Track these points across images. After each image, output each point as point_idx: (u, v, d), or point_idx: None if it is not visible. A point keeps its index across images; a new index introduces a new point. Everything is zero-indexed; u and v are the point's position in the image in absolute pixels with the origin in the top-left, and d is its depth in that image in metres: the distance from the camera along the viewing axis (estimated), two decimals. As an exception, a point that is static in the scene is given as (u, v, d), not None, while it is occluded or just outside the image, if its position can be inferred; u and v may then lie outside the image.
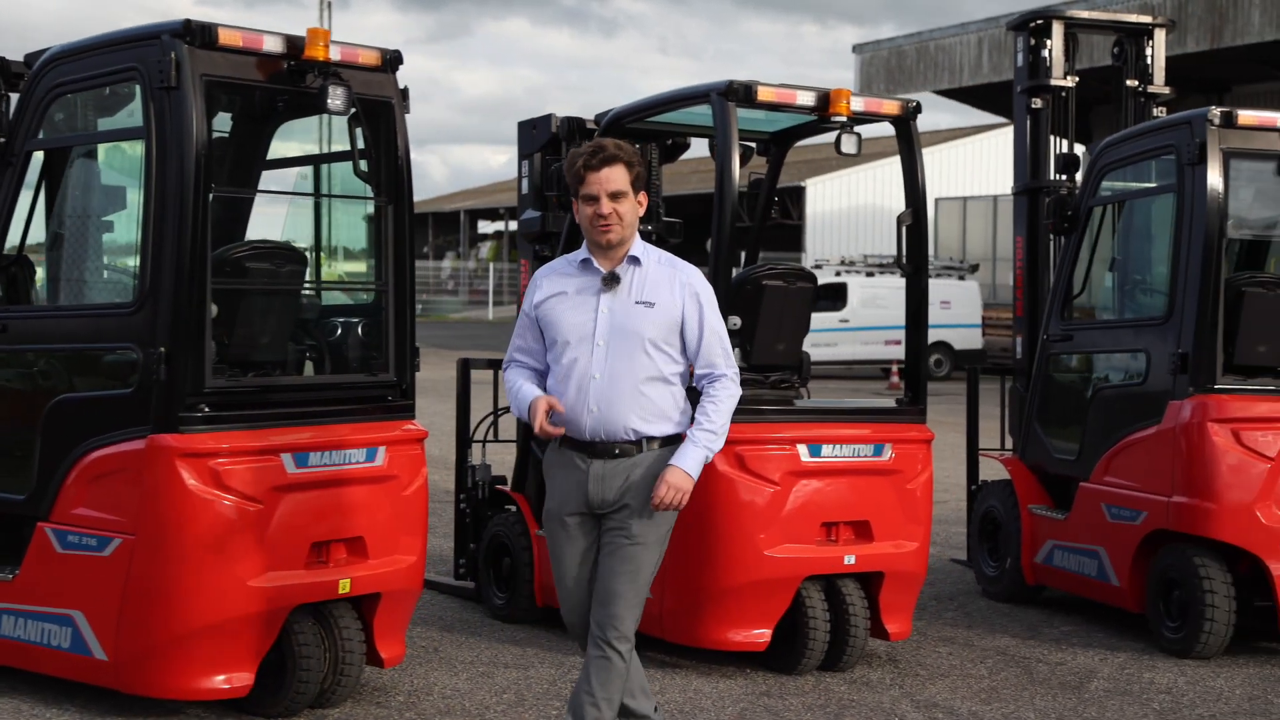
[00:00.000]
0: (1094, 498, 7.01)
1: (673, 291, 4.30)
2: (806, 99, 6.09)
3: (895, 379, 23.61)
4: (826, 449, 5.98)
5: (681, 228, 7.17)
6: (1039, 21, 8.02)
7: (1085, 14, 8.08)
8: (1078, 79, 8.05)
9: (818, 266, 32.10)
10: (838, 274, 28.67)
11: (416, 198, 7.04)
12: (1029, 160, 8.07)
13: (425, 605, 7.12)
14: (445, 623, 6.78)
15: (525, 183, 7.19)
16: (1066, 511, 7.25)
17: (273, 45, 5.07)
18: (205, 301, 4.92)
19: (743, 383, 6.18)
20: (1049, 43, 7.98)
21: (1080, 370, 7.56)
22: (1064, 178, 7.80)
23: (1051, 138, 8.02)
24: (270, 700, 5.11)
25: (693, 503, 5.92)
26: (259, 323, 5.21)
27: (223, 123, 5.85)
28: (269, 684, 5.10)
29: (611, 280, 4.26)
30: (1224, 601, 6.35)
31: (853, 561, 6.01)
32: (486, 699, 5.54)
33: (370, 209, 5.59)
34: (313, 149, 6.01)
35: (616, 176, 4.24)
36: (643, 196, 4.32)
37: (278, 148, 6.08)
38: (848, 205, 42.03)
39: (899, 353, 26.74)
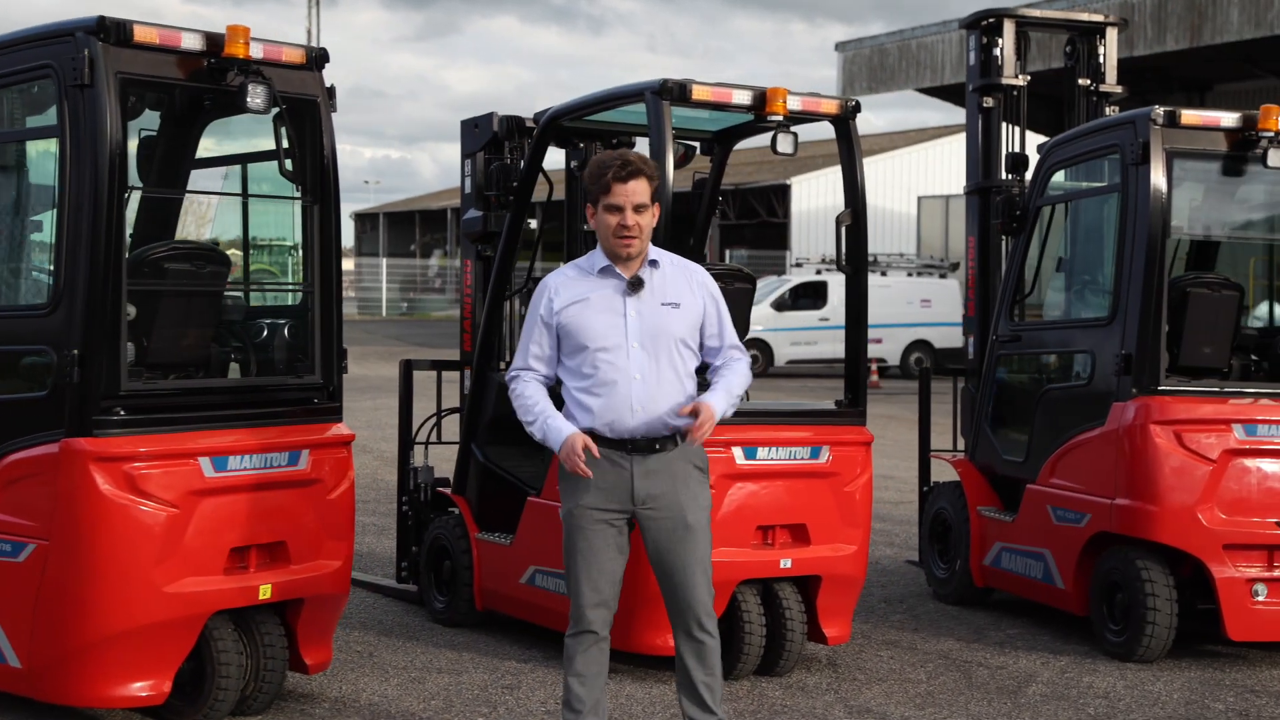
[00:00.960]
0: (1040, 500, 6.96)
1: (692, 291, 4.49)
2: (743, 98, 6.03)
3: (874, 378, 23.56)
4: (762, 452, 5.92)
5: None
6: (990, 20, 7.97)
7: (1037, 13, 8.03)
8: (1030, 78, 8.01)
9: (798, 265, 32.10)
10: (818, 272, 28.63)
11: (407, 195, 7.01)
12: (981, 160, 8.03)
13: (367, 608, 7.07)
14: (384, 626, 6.71)
15: (468, 182, 7.12)
16: (1014, 514, 7.20)
17: (191, 43, 5.00)
18: (121, 303, 4.84)
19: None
20: (1001, 41, 7.93)
21: (1028, 371, 7.51)
22: (1013, 177, 7.75)
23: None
24: (189, 708, 5.05)
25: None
26: (178, 324, 5.14)
27: (152, 121, 5.79)
28: (188, 691, 5.03)
29: (637, 284, 4.40)
30: (1166, 605, 6.30)
31: (789, 565, 5.96)
32: (414, 705, 5.47)
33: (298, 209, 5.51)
34: (247, 148, 5.94)
35: (641, 189, 4.37)
36: (656, 207, 4.46)
37: (214, 147, 6.02)
38: (833, 203, 41.87)
39: (879, 351, 26.80)
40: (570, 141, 7.26)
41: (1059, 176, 7.39)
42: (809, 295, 27.43)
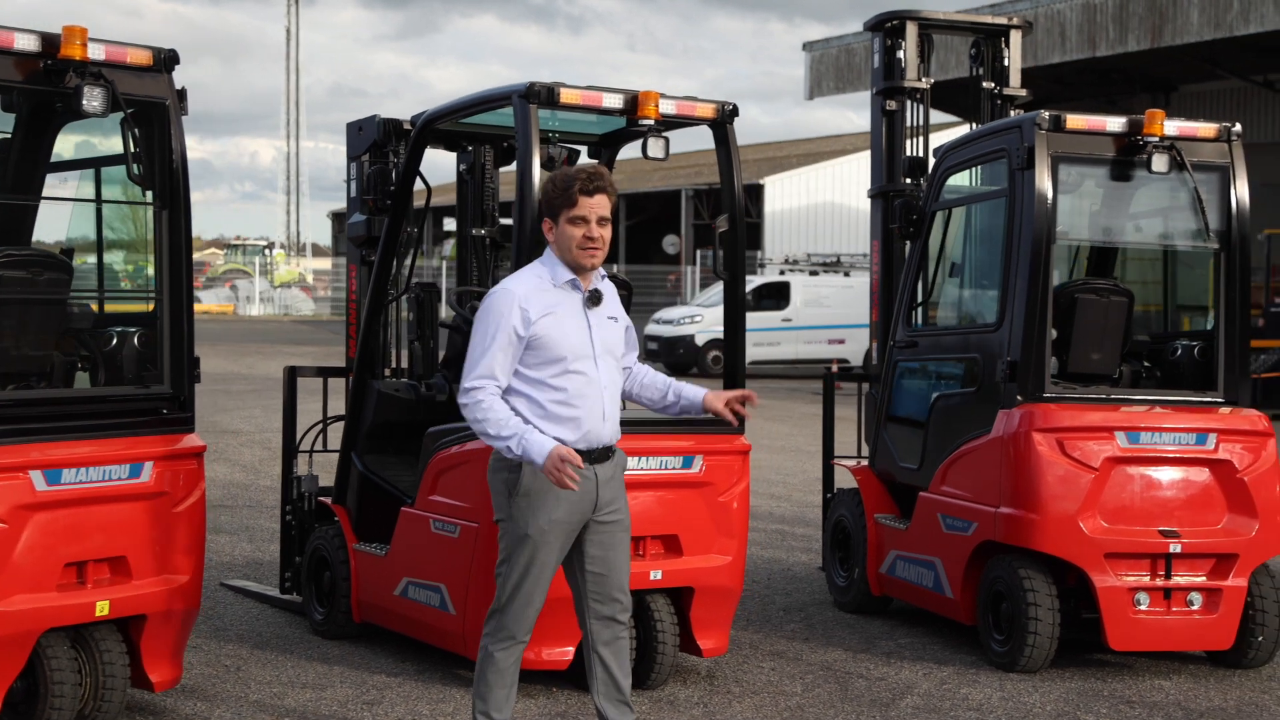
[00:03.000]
0: (931, 508, 6.88)
1: (619, 303, 4.71)
2: (614, 102, 5.92)
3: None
4: (633, 461, 5.81)
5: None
6: (893, 22, 7.89)
7: (940, 15, 7.94)
8: (932, 80, 7.92)
9: (762, 266, 32.01)
10: (781, 273, 28.56)
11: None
12: (884, 163, 7.94)
13: (251, 619, 6.96)
14: (262, 639, 6.60)
15: (354, 185, 7.01)
16: (909, 521, 7.12)
17: (25, 43, 4.87)
18: (-51, 313, 4.73)
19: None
20: (904, 43, 7.85)
21: (923, 377, 7.43)
22: (911, 181, 7.66)
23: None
24: (24, 726, 4.93)
25: (490, 517, 5.78)
26: (15, 333, 5.02)
27: (7, 122, 5.67)
28: (21, 710, 4.91)
29: (596, 298, 4.55)
30: (1048, 615, 6.22)
31: (659, 577, 5.86)
32: (266, 722, 5.37)
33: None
34: (107, 151, 5.82)
35: (604, 204, 4.49)
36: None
37: (74, 150, 5.90)
38: (807, 203, 41.96)
39: (842, 352, 26.73)
40: (460, 145, 7.16)
41: (954, 180, 7.32)
42: (771, 296, 27.37)
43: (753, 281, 27.92)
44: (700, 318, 26.54)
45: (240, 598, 7.40)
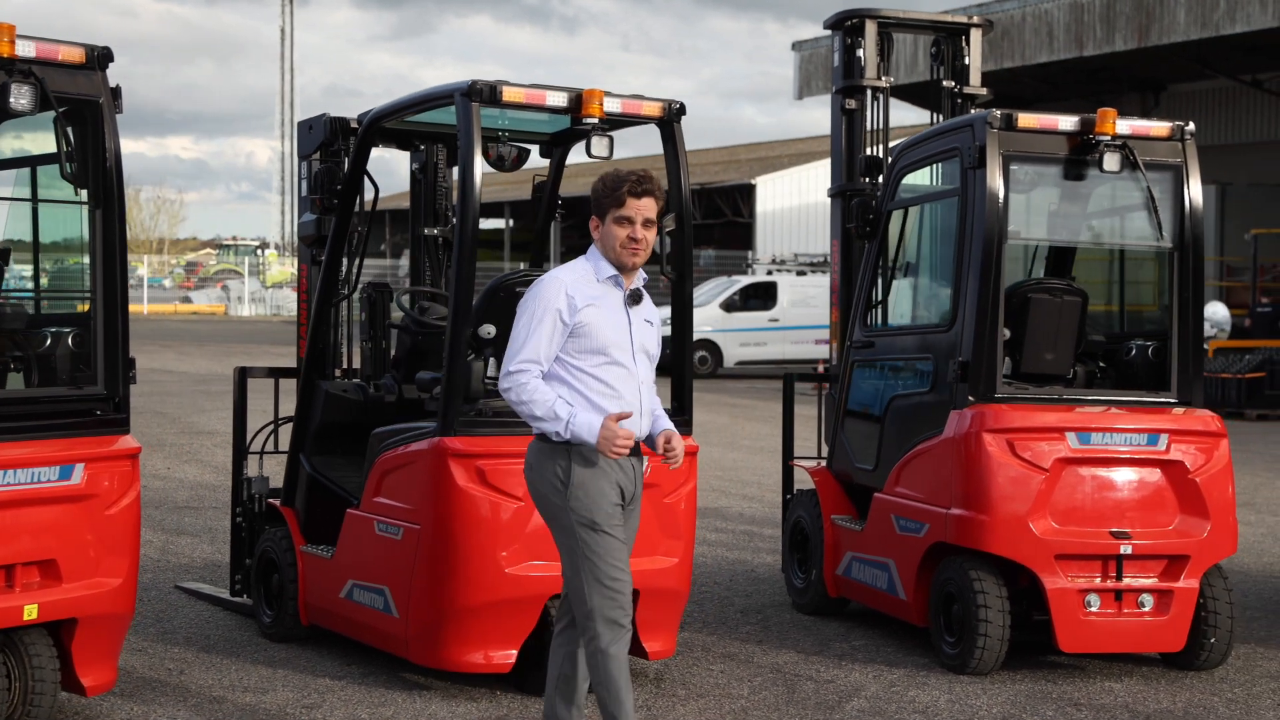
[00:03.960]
0: (885, 509, 6.84)
1: (654, 308, 4.74)
2: (557, 100, 5.88)
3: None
4: None
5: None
6: (853, 20, 7.85)
7: (900, 13, 7.89)
8: (892, 80, 7.88)
9: (749, 266, 31.98)
10: (769, 273, 28.51)
11: (383, 195, 6.85)
12: (844, 163, 7.90)
13: (202, 622, 6.91)
14: (209, 642, 6.55)
15: (305, 184, 6.97)
16: (865, 523, 7.08)
17: (-48, 43, 4.83)
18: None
19: (487, 394, 5.99)
20: (863, 42, 7.81)
21: (879, 378, 7.38)
22: (868, 180, 7.62)
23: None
24: (-49, 731, 4.89)
25: (432, 519, 5.73)
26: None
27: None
28: (-52, 713, 4.87)
29: (637, 297, 4.62)
30: (998, 616, 6.17)
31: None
32: (202, 726, 5.33)
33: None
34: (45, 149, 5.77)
35: (651, 206, 4.56)
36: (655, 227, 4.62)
37: (10, 148, 5.85)
38: (799, 203, 41.94)
39: (826, 351, 26.66)
40: (412, 145, 7.12)
41: (914, 180, 7.27)
42: (759, 296, 27.32)
43: (740, 282, 27.88)
44: None
45: (193, 600, 7.35)
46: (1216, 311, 21.05)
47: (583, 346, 4.50)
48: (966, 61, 7.94)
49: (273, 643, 6.54)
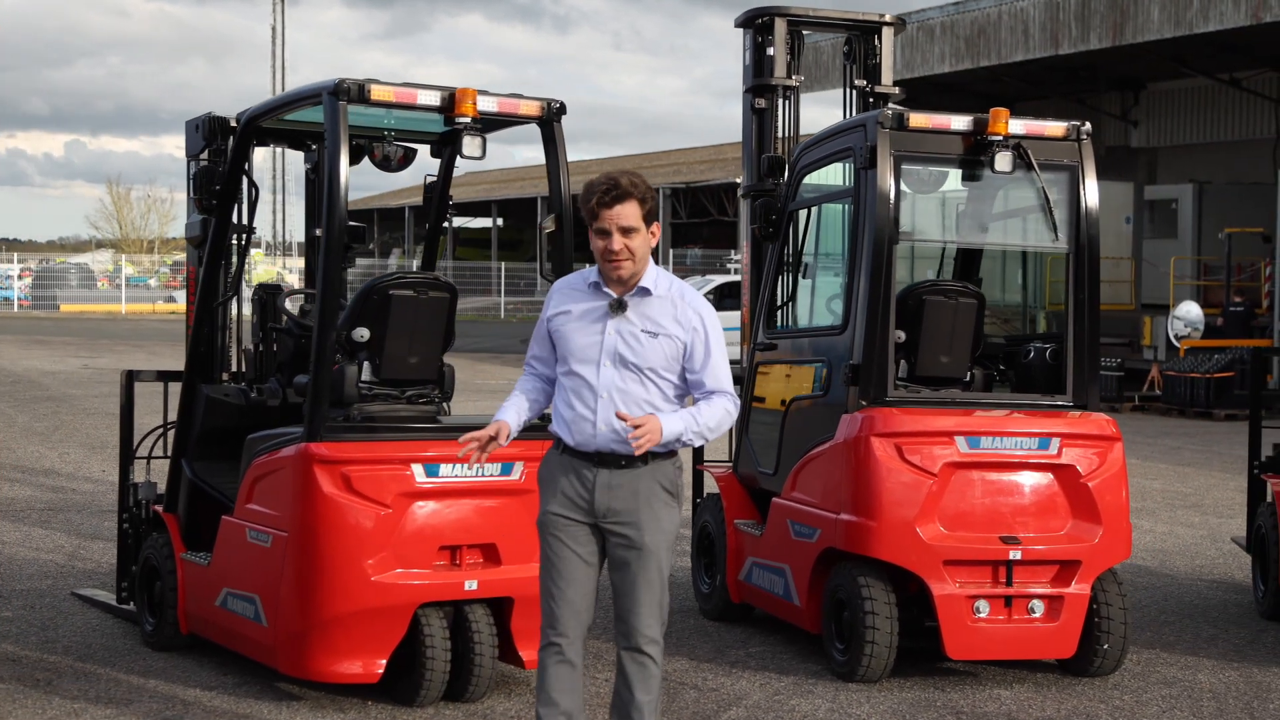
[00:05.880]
0: (782, 514, 6.74)
1: (678, 322, 4.40)
2: (430, 99, 5.77)
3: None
4: (445, 469, 5.66)
5: (364, 232, 6.85)
6: (763, 19, 7.73)
7: (810, 11, 7.77)
8: (802, 78, 7.77)
9: (726, 267, 31.83)
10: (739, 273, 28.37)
11: (369, 194, 6.74)
12: (754, 162, 7.79)
13: (90, 630, 6.80)
14: (88, 650, 6.44)
15: (191, 185, 6.85)
16: (765, 527, 6.97)
17: None
18: None
19: (373, 398, 5.90)
20: (773, 40, 7.70)
21: (779, 381, 7.27)
22: (772, 181, 7.50)
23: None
24: None
25: (298, 526, 5.63)
26: None
27: None
28: None
29: (619, 306, 4.39)
30: (886, 623, 6.06)
31: (475, 587, 5.70)
32: (53, 739, 5.22)
33: None
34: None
35: (629, 212, 4.32)
36: (655, 227, 4.41)
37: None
38: (785, 203, 41.58)
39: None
40: (304, 145, 7.00)
41: (817, 179, 7.17)
42: (734, 295, 27.20)
43: (713, 281, 27.79)
44: None
45: (85, 608, 7.24)
46: (1190, 311, 20.87)
47: (558, 352, 4.49)
48: (878, 60, 7.82)
49: (153, 651, 6.43)
